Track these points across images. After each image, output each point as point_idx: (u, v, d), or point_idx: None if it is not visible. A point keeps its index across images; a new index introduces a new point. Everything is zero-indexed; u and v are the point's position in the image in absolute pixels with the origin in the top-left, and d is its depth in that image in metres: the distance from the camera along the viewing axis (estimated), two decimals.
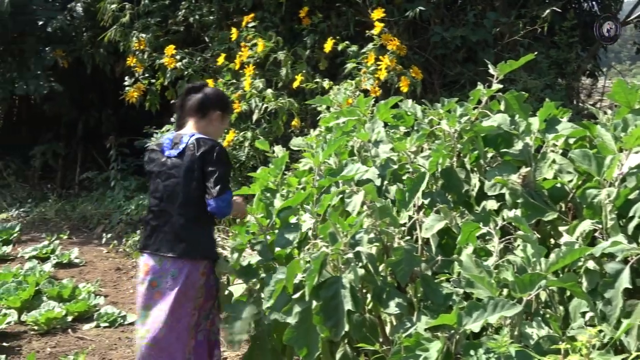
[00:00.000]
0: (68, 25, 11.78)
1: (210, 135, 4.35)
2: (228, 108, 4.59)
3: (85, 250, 9.50)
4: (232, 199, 4.16)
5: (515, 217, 3.02)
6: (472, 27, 8.45)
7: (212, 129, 4.39)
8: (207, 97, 4.42)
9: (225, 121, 4.58)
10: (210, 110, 4.38)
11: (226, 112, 4.53)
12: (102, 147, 12.33)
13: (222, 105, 4.47)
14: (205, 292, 4.27)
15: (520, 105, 3.71)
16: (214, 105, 4.40)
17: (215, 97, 4.47)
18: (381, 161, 3.70)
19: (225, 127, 4.68)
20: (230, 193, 4.14)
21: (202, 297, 4.26)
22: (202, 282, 4.25)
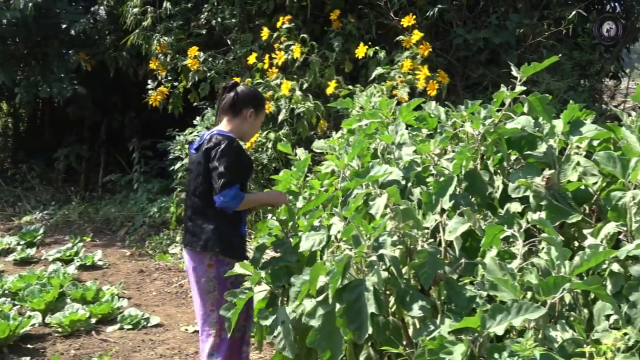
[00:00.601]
0: (91, 28, 11.85)
1: (245, 132, 4.58)
2: (260, 105, 4.66)
3: (109, 253, 9.57)
4: (237, 193, 4.21)
5: (539, 220, 3.01)
6: (495, 29, 8.43)
7: (246, 126, 4.55)
8: (239, 95, 4.54)
9: (260, 118, 4.66)
10: (243, 108, 4.52)
11: (259, 110, 4.62)
12: (125, 149, 12.40)
13: (254, 103, 4.57)
14: (219, 286, 4.33)
15: (544, 108, 3.68)
16: (246, 103, 4.53)
17: (248, 95, 4.58)
18: (405, 163, 3.70)
19: (260, 124, 4.73)
20: (234, 188, 4.21)
21: (216, 291, 4.33)
22: (212, 275, 4.35)
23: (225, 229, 4.38)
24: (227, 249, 4.36)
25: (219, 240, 4.35)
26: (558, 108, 4.28)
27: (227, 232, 4.38)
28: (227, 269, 4.26)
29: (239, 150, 4.39)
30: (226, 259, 4.34)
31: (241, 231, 4.50)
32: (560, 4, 8.82)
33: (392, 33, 8.47)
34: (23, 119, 16.16)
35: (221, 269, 4.32)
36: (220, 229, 4.36)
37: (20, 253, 9.08)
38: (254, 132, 4.73)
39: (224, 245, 4.35)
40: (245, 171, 4.49)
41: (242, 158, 4.41)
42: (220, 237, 4.35)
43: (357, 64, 8.35)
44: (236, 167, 4.28)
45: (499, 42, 8.37)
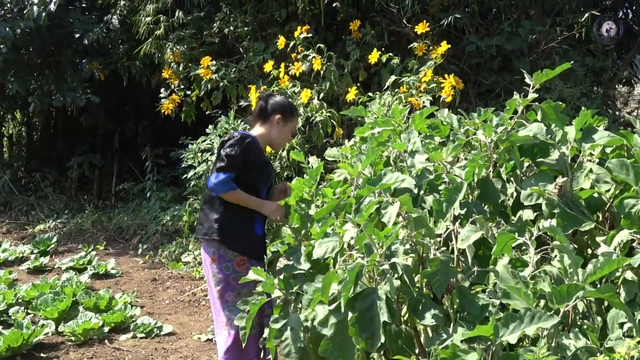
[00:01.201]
0: (104, 38, 11.91)
1: (273, 138, 4.69)
2: (289, 113, 4.73)
3: (122, 261, 9.59)
4: (228, 180, 4.32)
5: (551, 227, 3.00)
6: (507, 35, 8.41)
7: (274, 132, 4.67)
8: (270, 102, 4.68)
9: (289, 125, 4.73)
10: (271, 113, 4.65)
11: (287, 117, 4.70)
12: (138, 158, 12.44)
13: (283, 109, 4.68)
14: (223, 282, 4.37)
15: (557, 115, 3.68)
16: (275, 109, 4.66)
17: (277, 102, 4.71)
18: (417, 171, 3.70)
19: (290, 132, 4.79)
20: (227, 175, 4.32)
21: (220, 285, 4.38)
22: (215, 270, 4.44)
23: (229, 220, 4.44)
24: (228, 240, 4.42)
25: (219, 229, 4.42)
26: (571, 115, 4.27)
27: (230, 223, 4.44)
28: (230, 265, 4.38)
29: (249, 147, 4.44)
30: (228, 254, 4.41)
31: (254, 230, 4.53)
32: (573, 10, 8.80)
33: (404, 41, 8.47)
34: (37, 128, 16.27)
35: (223, 264, 4.41)
36: (223, 219, 4.44)
37: (34, 262, 9.11)
38: (283, 139, 4.77)
39: (224, 235, 4.41)
40: (253, 170, 4.48)
41: (250, 156, 4.44)
42: (221, 226, 4.43)
43: (369, 72, 8.36)
44: (239, 159, 4.37)
45: (511, 49, 8.36)
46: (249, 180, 4.45)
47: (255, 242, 4.53)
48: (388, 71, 7.84)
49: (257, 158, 4.51)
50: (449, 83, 7.04)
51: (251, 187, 4.46)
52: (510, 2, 8.71)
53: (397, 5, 8.26)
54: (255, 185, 4.50)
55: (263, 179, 4.59)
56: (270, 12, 9.23)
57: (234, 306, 4.37)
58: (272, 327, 3.59)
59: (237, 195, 4.38)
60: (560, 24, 8.55)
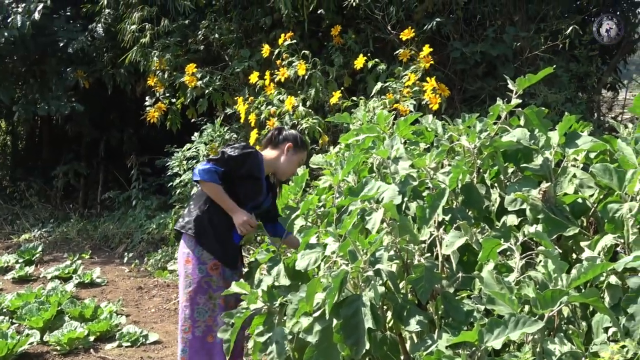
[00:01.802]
0: (89, 46, 11.86)
1: (280, 165, 4.69)
2: (300, 144, 4.74)
3: (107, 270, 9.55)
4: (211, 171, 4.30)
5: (536, 233, 3.00)
6: (492, 42, 8.44)
7: (283, 159, 4.68)
8: (282, 132, 4.74)
9: (297, 156, 4.72)
10: (282, 141, 4.69)
11: (297, 147, 4.71)
12: (123, 166, 12.41)
13: (294, 140, 4.72)
14: (195, 284, 4.37)
15: (540, 120, 3.69)
16: (286, 138, 4.71)
17: (290, 133, 4.76)
18: (401, 178, 3.69)
19: (297, 163, 4.76)
20: (214, 167, 4.31)
21: (191, 287, 4.37)
22: (188, 271, 4.44)
23: (209, 221, 4.44)
24: (203, 239, 4.42)
25: (196, 226, 4.43)
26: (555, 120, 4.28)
27: (209, 224, 4.44)
28: (204, 267, 4.39)
29: (249, 156, 4.44)
30: (203, 257, 4.41)
31: (232, 237, 4.51)
32: (557, 16, 8.85)
33: (389, 47, 8.49)
34: (21, 137, 16.19)
35: (197, 266, 4.41)
36: (203, 218, 4.44)
37: (19, 271, 9.06)
38: (289, 168, 4.72)
39: (200, 233, 4.42)
40: (243, 179, 4.45)
41: (247, 164, 4.43)
42: (199, 224, 4.43)
43: (354, 78, 8.36)
44: (234, 161, 4.37)
45: (496, 55, 8.39)
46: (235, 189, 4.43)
47: (231, 249, 4.52)
48: (373, 78, 7.85)
49: (252, 170, 4.48)
50: (430, 86, 7.05)
51: (234, 196, 4.43)
52: (494, 9, 8.74)
53: (381, 12, 8.28)
54: (238, 195, 4.47)
55: (250, 193, 4.53)
56: (255, 19, 9.23)
57: (204, 309, 4.39)
58: (257, 341, 3.58)
59: (215, 189, 4.34)
60: (544, 30, 8.59)
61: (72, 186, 13.82)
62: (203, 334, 4.39)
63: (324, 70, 7.99)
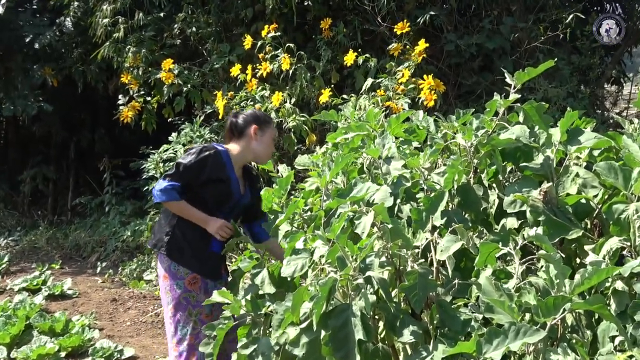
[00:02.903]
0: (57, 41, 11.84)
1: (257, 152, 4.66)
2: (264, 122, 4.70)
3: (79, 281, 9.52)
4: (169, 189, 4.30)
5: (537, 236, 3.00)
6: (488, 33, 8.46)
7: (255, 145, 4.65)
8: (239, 117, 4.69)
9: (267, 134, 4.68)
10: (245, 127, 4.63)
11: (263, 125, 4.67)
12: (95, 170, 12.38)
13: (256, 120, 4.66)
14: (174, 300, 4.37)
15: (541, 116, 3.68)
16: (247, 122, 4.65)
17: (248, 115, 4.70)
18: (393, 179, 3.68)
19: (271, 141, 4.74)
20: (171, 183, 4.32)
21: (172, 304, 4.37)
22: (167, 287, 4.45)
23: (181, 235, 4.45)
24: (176, 256, 4.43)
25: (169, 243, 4.43)
26: (556, 116, 4.28)
27: (182, 238, 4.44)
28: (181, 283, 4.40)
29: (206, 160, 4.41)
30: (179, 272, 4.41)
31: (210, 247, 4.51)
32: (557, 5, 8.84)
33: (378, 40, 8.49)
34: None
35: (174, 282, 4.41)
36: (175, 233, 4.45)
37: None
38: (266, 149, 4.70)
39: (172, 250, 4.42)
40: (206, 185, 4.43)
41: (206, 169, 4.40)
42: (171, 240, 4.44)
43: (341, 73, 8.36)
44: (190, 170, 4.35)
45: (492, 48, 8.41)
46: (203, 196, 4.44)
47: (210, 260, 4.52)
48: (362, 73, 7.85)
49: (215, 173, 4.45)
50: (427, 84, 7.04)
51: (203, 203, 4.44)
52: None
53: (371, 2, 8.28)
54: (207, 202, 4.47)
55: (218, 197, 4.52)
56: (236, 11, 9.23)
57: (184, 326, 4.39)
58: (241, 354, 3.57)
59: (178, 207, 4.37)
60: (544, 20, 8.60)
61: (40, 191, 13.78)
62: (187, 352, 4.39)
63: (310, 65, 7.97)
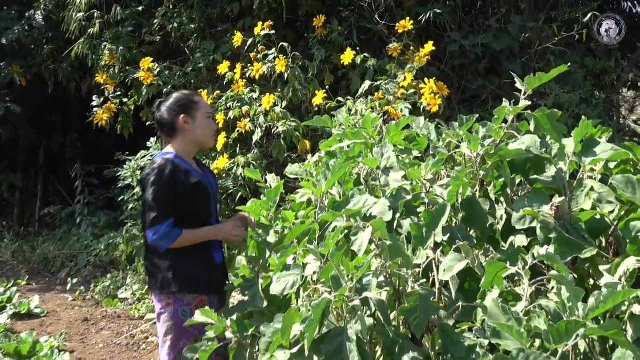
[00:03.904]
0: (26, 36, 11.83)
1: (196, 139, 4.58)
2: (187, 103, 4.59)
3: (47, 298, 9.50)
4: (169, 229, 4.25)
5: (547, 255, 3.01)
6: (495, 33, 8.46)
7: (191, 134, 4.56)
8: (161, 111, 4.59)
9: (199, 114, 4.57)
10: (173, 121, 4.54)
11: (190, 109, 4.56)
12: (66, 177, 12.37)
13: (179, 106, 4.56)
14: (177, 328, 4.32)
15: (553, 125, 3.69)
16: (172, 114, 4.55)
17: (169, 106, 4.58)
18: (392, 191, 3.69)
19: (207, 118, 4.61)
20: (166, 223, 4.26)
21: (172, 334, 4.34)
22: (168, 316, 4.37)
23: (185, 263, 4.38)
24: (189, 286, 4.36)
25: (176, 278, 4.35)
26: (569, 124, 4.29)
27: (187, 265, 4.38)
28: (188, 309, 4.31)
29: (172, 175, 4.35)
30: (186, 298, 4.35)
31: (214, 261, 4.49)
32: (570, 4, 8.84)
33: (376, 39, 8.50)
34: None
35: (179, 309, 4.34)
36: (177, 265, 4.37)
37: None
38: (207, 132, 4.61)
39: (183, 282, 4.35)
40: (185, 196, 4.39)
41: (178, 184, 4.36)
42: (178, 274, 4.36)
43: (336, 74, 8.36)
44: (168, 196, 4.31)
45: (499, 49, 8.41)
46: (190, 210, 4.41)
47: (217, 273, 4.52)
48: (358, 74, 7.84)
49: (184, 182, 4.40)
50: (429, 88, 7.02)
51: (194, 214, 4.42)
52: None
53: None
54: (196, 211, 4.46)
55: (202, 202, 4.51)
56: (221, 6, 9.23)
57: None
58: None
59: (186, 239, 4.32)
60: (555, 19, 8.61)
61: (5, 200, 13.76)
62: None
63: (303, 65, 7.94)
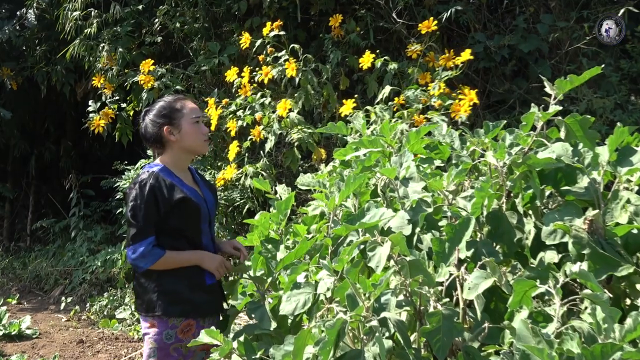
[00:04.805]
0: (18, 37, 11.87)
1: (186, 147, 4.59)
2: (169, 113, 4.58)
3: (40, 319, 9.51)
4: (149, 249, 4.27)
5: (580, 272, 3.01)
6: (523, 33, 8.46)
7: (179, 145, 4.57)
8: (145, 123, 4.62)
9: (185, 122, 4.56)
10: (158, 132, 4.56)
11: (173, 117, 4.56)
12: (60, 188, 12.40)
13: (162, 117, 4.57)
14: (158, 352, 4.34)
15: (585, 132, 3.69)
16: (155, 126, 4.56)
17: (152, 117, 4.60)
18: (411, 203, 3.69)
19: (193, 124, 4.58)
20: (146, 242, 4.28)
21: (155, 357, 4.36)
22: (151, 338, 4.38)
23: (171, 284, 4.40)
24: (173, 310, 4.37)
25: (162, 300, 4.37)
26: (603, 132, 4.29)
27: (176, 286, 4.40)
28: (173, 333, 4.35)
29: (153, 191, 4.34)
30: (171, 320, 4.36)
31: (205, 282, 4.48)
32: (603, 2, 8.84)
33: (394, 39, 8.51)
34: None
35: (163, 332, 4.36)
36: (163, 286, 4.39)
37: None
38: (196, 139, 4.59)
39: (167, 305, 4.36)
40: (170, 214, 4.39)
41: (159, 201, 4.34)
42: (163, 296, 4.38)
43: (350, 78, 8.36)
44: (149, 213, 4.31)
45: (527, 50, 8.40)
46: (176, 229, 4.42)
47: (208, 296, 4.50)
48: (374, 78, 7.83)
49: (168, 198, 4.38)
50: (468, 100, 6.87)
51: (179, 232, 4.43)
52: None
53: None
54: (181, 229, 4.46)
55: (189, 220, 4.49)
56: (227, 4, 9.24)
57: None
58: None
59: (168, 261, 4.33)
60: (588, 18, 8.60)
61: None
62: None
63: (316, 68, 7.91)
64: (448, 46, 8.37)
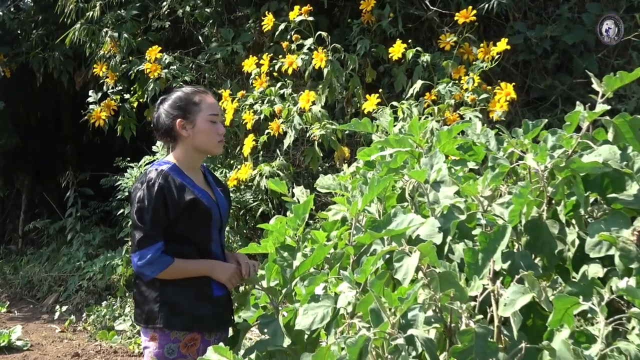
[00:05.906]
0: (12, 19, 11.90)
1: (198, 146, 4.56)
2: (186, 108, 4.56)
3: (31, 329, 9.55)
4: (157, 255, 4.26)
5: (628, 289, 3.00)
6: (567, 24, 8.42)
7: (191, 142, 4.55)
8: (160, 115, 4.58)
9: (200, 118, 4.53)
10: (169, 123, 4.53)
11: (188, 110, 4.54)
12: (55, 186, 12.42)
13: (177, 110, 4.55)
14: None
15: (635, 134, 3.68)
16: (170, 117, 4.54)
17: (167, 108, 4.58)
18: (442, 209, 3.68)
19: (209, 121, 4.55)
20: (153, 248, 4.26)
21: None
22: (152, 352, 4.39)
23: (175, 294, 4.39)
24: (176, 322, 4.36)
25: (162, 311, 4.36)
26: None
27: (176, 298, 4.39)
28: (175, 347, 4.35)
29: (162, 192, 4.32)
30: (174, 334, 4.36)
31: (212, 293, 4.47)
32: None
33: (425, 28, 8.49)
34: None
35: (165, 346, 4.36)
36: (167, 296, 4.38)
37: None
38: (210, 139, 4.56)
39: (169, 317, 4.35)
40: (179, 217, 4.37)
41: (168, 202, 4.32)
42: (164, 306, 4.37)
43: (376, 69, 8.34)
44: (157, 217, 4.30)
45: (572, 43, 8.37)
46: (184, 234, 4.42)
47: (215, 308, 4.49)
48: (403, 70, 7.81)
49: (177, 200, 4.36)
50: (505, 94, 6.89)
51: (186, 238, 4.43)
52: None
53: None
54: (193, 236, 4.46)
55: (199, 224, 4.48)
56: None
57: None
58: None
59: (176, 270, 4.31)
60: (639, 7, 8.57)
61: None
62: None
63: (341, 58, 7.84)
64: (485, 37, 8.35)
